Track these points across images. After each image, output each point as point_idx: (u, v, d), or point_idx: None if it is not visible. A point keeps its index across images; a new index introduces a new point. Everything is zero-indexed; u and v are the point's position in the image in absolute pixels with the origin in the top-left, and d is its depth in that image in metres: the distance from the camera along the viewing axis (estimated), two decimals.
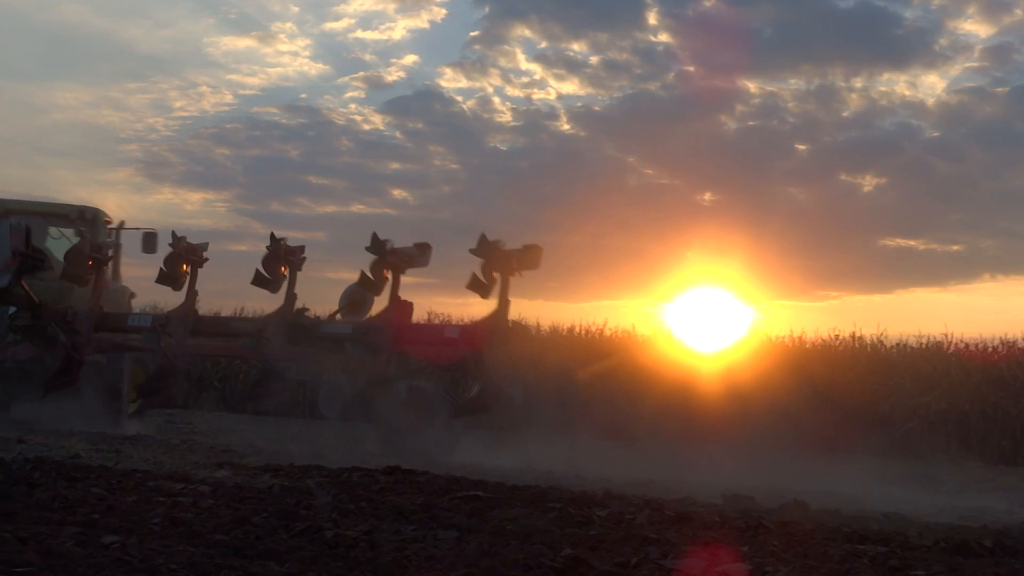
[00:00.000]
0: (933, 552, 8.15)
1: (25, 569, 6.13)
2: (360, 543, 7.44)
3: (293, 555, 7.03)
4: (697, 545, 7.90)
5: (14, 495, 9.15)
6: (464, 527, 8.40)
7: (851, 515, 10.46)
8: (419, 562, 6.92)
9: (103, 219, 22.01)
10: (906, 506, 12.57)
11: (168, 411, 25.35)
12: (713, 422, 22.95)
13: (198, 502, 9.20)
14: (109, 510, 8.59)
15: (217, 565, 6.48)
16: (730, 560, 7.25)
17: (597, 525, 8.88)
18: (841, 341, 25.92)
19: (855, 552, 7.80)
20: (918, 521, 10.49)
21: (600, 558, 7.12)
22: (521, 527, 8.50)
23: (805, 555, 7.66)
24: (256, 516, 8.47)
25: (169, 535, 7.56)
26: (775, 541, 8.26)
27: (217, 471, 12.42)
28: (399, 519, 8.77)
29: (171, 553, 6.78)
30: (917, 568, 7.28)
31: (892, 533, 9.12)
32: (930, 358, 24.79)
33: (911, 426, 22.72)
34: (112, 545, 6.94)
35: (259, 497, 9.75)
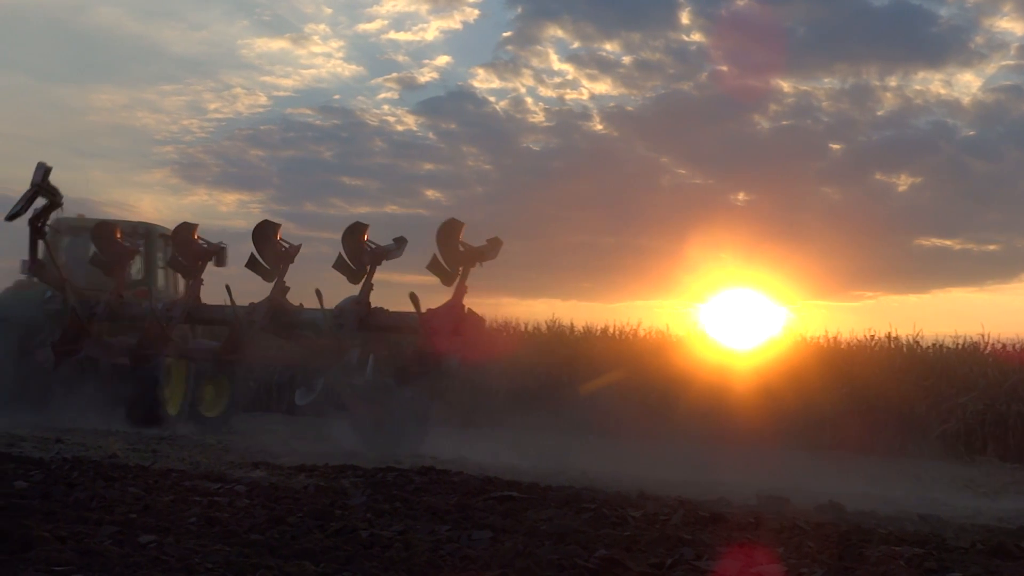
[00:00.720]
0: (970, 554, 8.10)
1: (63, 568, 6.18)
2: (395, 543, 7.46)
3: (328, 555, 7.05)
4: (732, 546, 7.88)
5: (53, 495, 9.23)
6: (498, 527, 8.41)
7: (887, 517, 10.41)
8: (454, 562, 6.93)
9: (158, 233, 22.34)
10: (943, 508, 12.50)
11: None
12: (747, 423, 22.89)
13: (234, 502, 9.25)
14: (146, 510, 8.64)
15: (253, 565, 6.51)
16: (765, 561, 7.23)
17: (631, 526, 8.87)
18: (877, 342, 25.79)
19: (891, 554, 7.76)
20: (955, 523, 10.43)
21: (634, 559, 7.12)
22: (555, 527, 8.50)
23: (841, 557, 7.63)
24: (291, 516, 8.51)
25: (205, 535, 7.61)
26: (810, 543, 8.23)
27: (253, 471, 12.47)
28: (433, 519, 8.79)
29: (207, 553, 6.82)
30: (954, 570, 7.24)
31: (929, 535, 9.07)
32: (967, 359, 24.62)
33: (947, 427, 22.56)
34: (149, 544, 6.99)
35: (294, 497, 9.79)
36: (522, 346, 26.83)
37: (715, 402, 23.06)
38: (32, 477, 10.34)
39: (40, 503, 8.71)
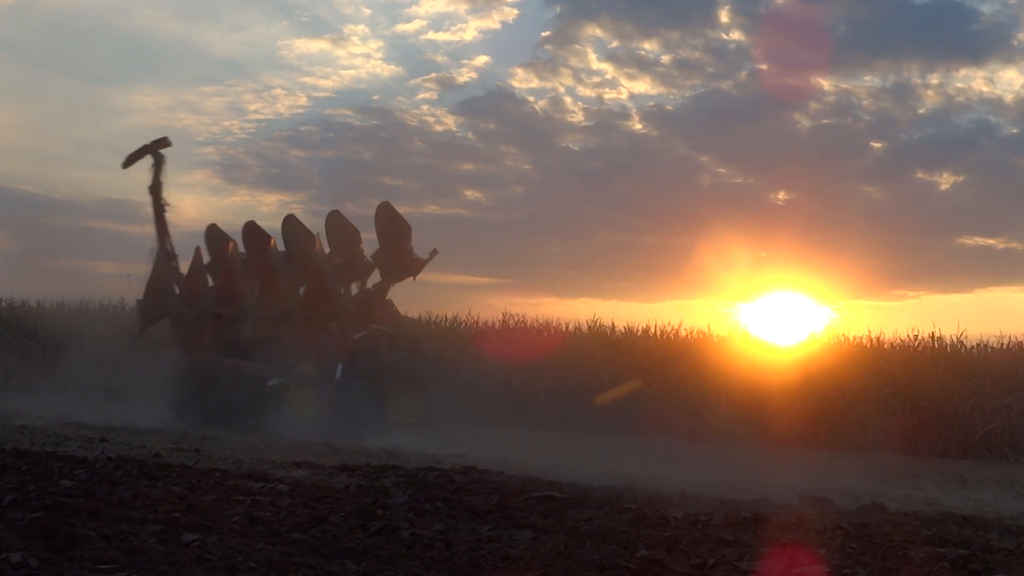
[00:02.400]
0: (1015, 556, 8.04)
1: (108, 566, 6.23)
2: (436, 543, 7.48)
3: (370, 554, 7.08)
4: (774, 547, 7.85)
5: (97, 493, 9.31)
6: (539, 527, 8.42)
7: (931, 518, 10.34)
8: (494, 562, 6.95)
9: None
10: (987, 509, 12.40)
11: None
12: (790, 423, 22.77)
13: (276, 501, 9.30)
14: (189, 508, 8.71)
15: (295, 564, 6.55)
16: (807, 562, 7.20)
17: (672, 526, 8.85)
18: (920, 342, 25.59)
19: (935, 555, 7.71)
20: (1000, 524, 10.35)
21: (676, 559, 7.10)
22: (596, 528, 8.50)
23: (884, 558, 7.59)
24: (333, 515, 8.55)
25: (248, 534, 7.66)
26: (853, 543, 8.19)
27: (295, 470, 12.53)
28: (474, 519, 8.81)
29: (250, 552, 6.87)
30: (999, 571, 7.19)
31: (973, 536, 9.01)
32: (1012, 359, 24.40)
33: (992, 428, 22.34)
34: (192, 543, 7.04)
35: (336, 496, 9.83)
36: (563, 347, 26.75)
37: (757, 402, 22.95)
38: (77, 476, 10.44)
39: (85, 502, 8.79)
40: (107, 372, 25.63)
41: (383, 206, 22.21)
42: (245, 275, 22.46)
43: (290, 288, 22.27)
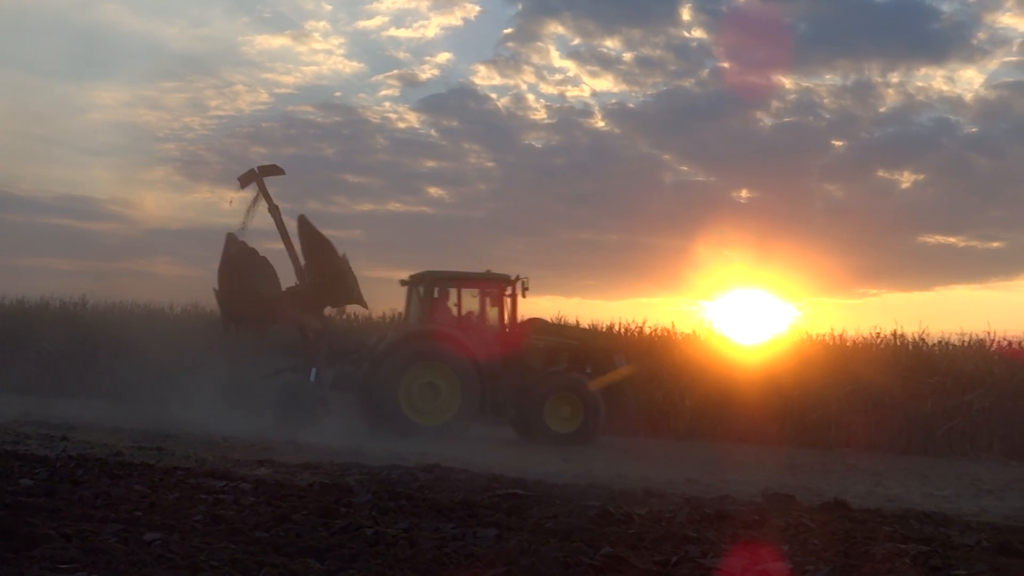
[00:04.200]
0: (976, 552, 8.10)
1: (68, 566, 6.18)
2: (400, 541, 7.46)
3: (333, 552, 7.06)
4: (737, 544, 7.88)
5: (58, 492, 9.24)
6: (503, 525, 8.41)
7: (893, 514, 10.40)
8: (458, 560, 6.94)
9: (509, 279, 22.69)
10: (948, 506, 12.49)
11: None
12: (753, 421, 22.87)
13: (239, 499, 9.26)
14: (151, 507, 8.66)
15: (258, 562, 6.52)
16: (770, 559, 7.23)
17: (636, 523, 8.87)
18: (882, 339, 25.73)
19: (897, 551, 7.75)
20: (960, 521, 10.42)
21: (639, 557, 7.12)
22: (560, 525, 8.50)
23: (846, 554, 7.63)
24: (296, 513, 8.52)
25: (211, 532, 7.62)
26: (816, 540, 8.22)
27: (258, 468, 12.49)
28: (438, 517, 8.79)
29: (212, 550, 6.83)
30: (959, 568, 7.24)
31: (934, 532, 9.08)
32: (972, 356, 24.58)
33: (953, 425, 22.50)
34: (154, 542, 7.00)
35: (299, 495, 9.80)
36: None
37: (721, 400, 23.03)
38: (37, 475, 10.37)
39: (45, 501, 8.73)
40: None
41: (300, 219, 22.36)
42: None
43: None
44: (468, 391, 20.71)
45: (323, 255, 21.96)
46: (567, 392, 20.78)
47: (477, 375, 20.79)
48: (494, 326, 21.75)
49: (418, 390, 20.82)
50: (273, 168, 23.43)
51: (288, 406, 20.65)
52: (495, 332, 21.63)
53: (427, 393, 20.80)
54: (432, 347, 21.05)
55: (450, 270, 22.24)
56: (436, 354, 20.92)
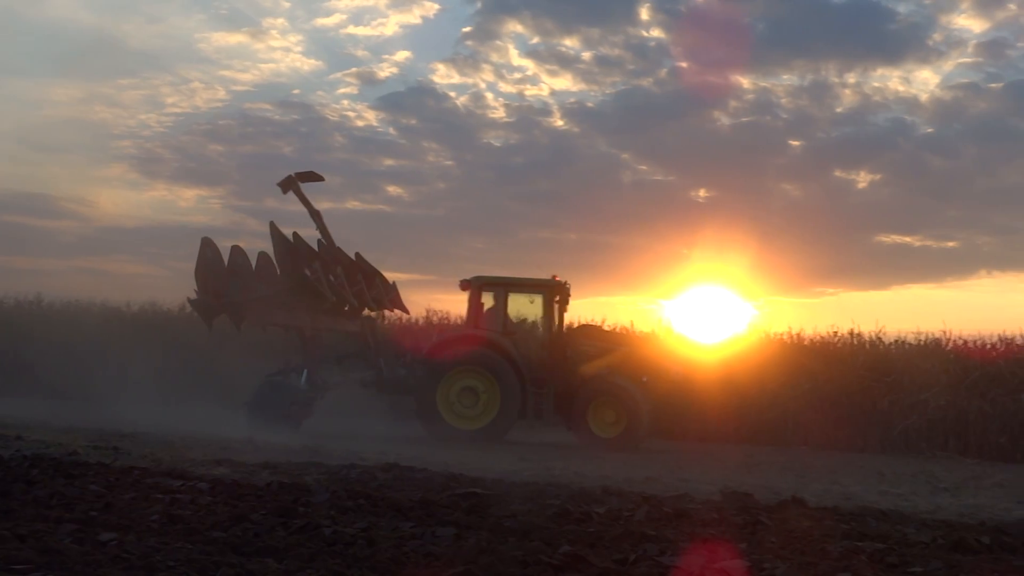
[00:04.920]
0: (931, 549, 8.16)
1: (23, 567, 6.12)
2: (358, 540, 7.44)
3: (291, 552, 7.03)
4: (695, 542, 7.90)
5: (12, 492, 9.15)
6: (462, 524, 8.40)
7: (849, 512, 10.46)
8: (417, 559, 6.92)
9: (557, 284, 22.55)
10: (904, 503, 12.58)
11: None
12: (712, 419, 22.97)
13: (196, 499, 9.20)
14: (107, 507, 8.59)
15: (215, 562, 6.48)
16: (728, 557, 7.25)
17: (595, 522, 8.88)
18: (839, 338, 25.87)
19: (853, 549, 7.80)
20: (916, 518, 10.50)
21: (598, 555, 7.12)
22: (520, 524, 8.50)
23: (803, 552, 7.66)
24: (254, 513, 8.47)
25: (167, 532, 7.57)
26: (773, 538, 8.26)
27: (215, 468, 12.42)
28: (397, 516, 8.77)
29: (169, 551, 6.78)
30: (915, 565, 7.29)
31: (890, 530, 9.13)
32: (928, 355, 24.75)
33: (909, 423, 22.64)
34: (110, 543, 6.95)
35: (257, 494, 9.75)
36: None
37: (679, 398, 23.07)
38: None
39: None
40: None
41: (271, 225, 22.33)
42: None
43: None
44: (507, 396, 20.69)
45: (289, 262, 21.83)
46: (610, 397, 20.59)
47: (518, 380, 20.76)
48: (542, 331, 21.75)
49: (457, 394, 20.87)
50: (311, 175, 23.30)
51: (262, 407, 20.62)
52: (542, 337, 21.63)
53: (466, 397, 20.85)
54: (471, 351, 21.05)
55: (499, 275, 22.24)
56: (475, 358, 20.93)
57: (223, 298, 21.56)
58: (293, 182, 22.75)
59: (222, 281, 21.66)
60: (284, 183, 22.76)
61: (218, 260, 21.69)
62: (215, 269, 21.57)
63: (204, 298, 21.68)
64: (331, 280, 21.88)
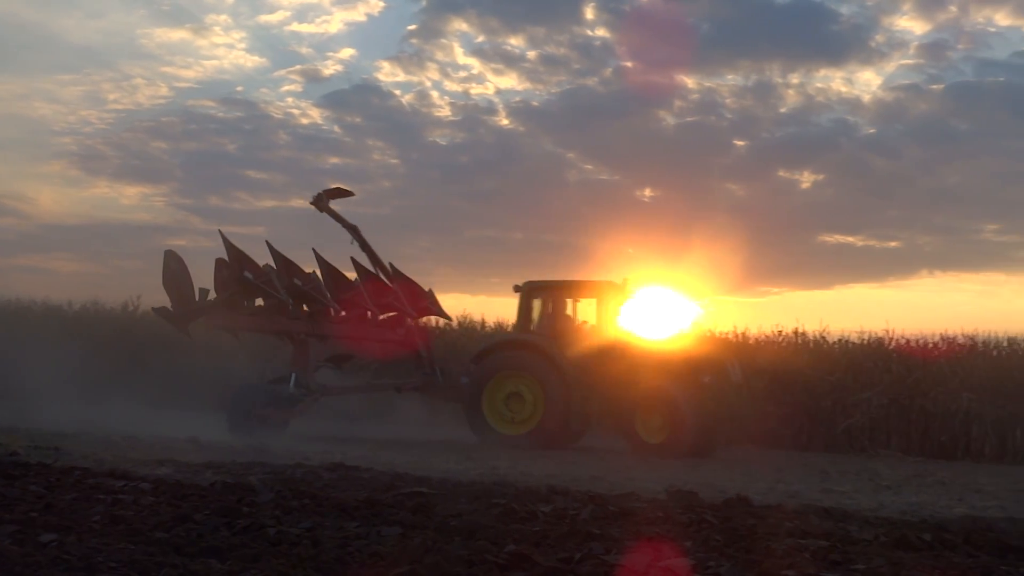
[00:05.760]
0: (874, 546, 8.22)
1: None
2: (303, 540, 7.40)
3: (235, 553, 6.98)
4: (640, 540, 7.92)
5: None
6: (408, 523, 8.38)
7: (793, 510, 10.53)
8: (362, 559, 6.89)
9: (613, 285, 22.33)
10: (847, 501, 12.68)
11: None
12: None
13: (138, 500, 9.12)
14: (47, 508, 8.49)
15: (158, 563, 6.42)
16: (673, 555, 7.27)
17: (541, 521, 8.88)
18: (784, 337, 26.05)
19: (797, 547, 7.85)
20: (859, 516, 10.57)
21: (544, 554, 7.12)
22: (465, 523, 8.48)
23: (748, 550, 7.70)
24: (197, 513, 8.40)
25: (109, 533, 7.49)
26: (718, 536, 8.29)
27: (158, 468, 12.31)
28: (342, 516, 8.73)
29: (110, 551, 6.71)
30: (858, 562, 7.34)
31: (834, 528, 9.20)
32: (871, 354, 24.96)
33: (852, 422, 22.85)
34: (50, 544, 6.87)
35: (201, 494, 9.67)
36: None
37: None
38: None
39: None
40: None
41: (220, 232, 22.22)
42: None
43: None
44: (552, 401, 20.41)
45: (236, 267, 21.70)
46: (656, 402, 19.94)
47: (562, 385, 20.46)
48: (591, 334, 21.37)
49: (503, 399, 20.72)
50: (339, 191, 23.22)
51: (236, 408, 20.65)
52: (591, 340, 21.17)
53: (514, 403, 20.69)
54: (517, 356, 20.95)
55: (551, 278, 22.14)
56: (521, 363, 20.80)
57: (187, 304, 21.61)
58: (324, 200, 22.67)
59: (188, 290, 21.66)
60: (316, 202, 22.76)
61: (183, 270, 21.69)
62: (180, 279, 21.57)
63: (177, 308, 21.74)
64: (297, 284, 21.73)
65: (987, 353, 25.04)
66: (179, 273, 21.57)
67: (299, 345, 21.95)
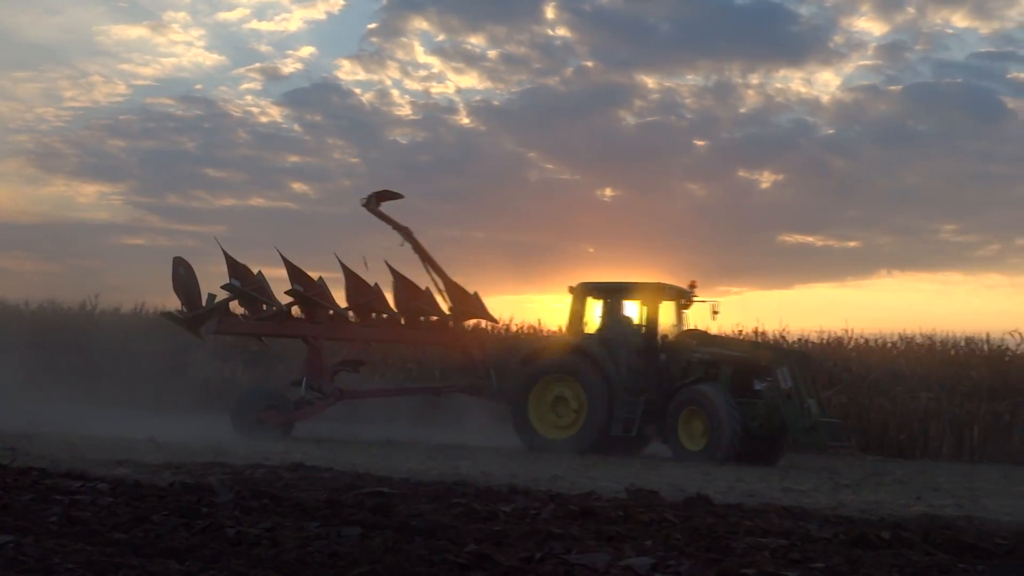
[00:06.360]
0: (833, 545, 8.26)
1: None
2: (262, 541, 7.36)
3: (194, 553, 6.93)
4: (601, 539, 7.92)
5: None
6: (368, 524, 8.35)
7: (753, 509, 10.57)
8: (322, 559, 6.86)
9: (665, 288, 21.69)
10: (807, 500, 12.73)
11: None
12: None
13: (96, 500, 9.05)
14: (3, 509, 8.41)
15: (116, 564, 6.36)
16: (634, 554, 7.28)
17: (502, 520, 8.87)
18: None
19: (757, 545, 7.87)
20: (818, 514, 10.62)
21: (504, 553, 7.11)
22: (426, 523, 8.46)
23: (708, 548, 7.72)
24: (156, 514, 8.34)
25: (66, 534, 7.42)
26: (678, 535, 8.31)
27: (116, 468, 12.22)
28: (302, 516, 8.69)
29: (68, 553, 6.65)
30: (817, 560, 7.37)
31: (793, 526, 9.23)
32: (831, 353, 25.16)
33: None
34: (6, 545, 6.80)
35: (159, 495, 9.61)
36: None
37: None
38: None
39: None
40: None
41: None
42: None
43: None
44: (593, 405, 20.11)
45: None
46: (698, 407, 19.38)
47: (606, 389, 20.13)
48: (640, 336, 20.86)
49: (550, 403, 20.52)
50: (389, 193, 23.36)
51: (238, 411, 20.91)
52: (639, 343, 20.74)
53: (560, 406, 20.48)
54: (562, 360, 20.73)
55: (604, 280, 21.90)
56: (566, 367, 20.54)
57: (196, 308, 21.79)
58: (375, 203, 22.88)
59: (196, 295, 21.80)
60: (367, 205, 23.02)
61: (190, 275, 21.78)
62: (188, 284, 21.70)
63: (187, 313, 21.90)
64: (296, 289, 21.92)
65: (945, 353, 25.29)
66: (187, 278, 21.68)
67: (313, 349, 21.95)
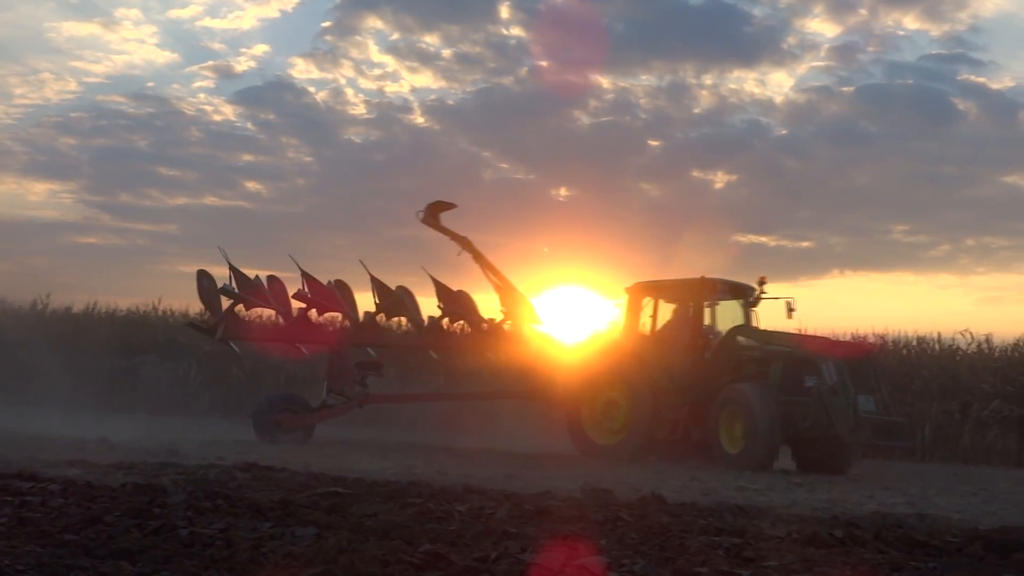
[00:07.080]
0: (786, 543, 8.30)
1: None
2: (216, 541, 7.31)
3: (146, 554, 6.88)
4: (556, 539, 7.93)
5: None
6: (323, 524, 8.32)
7: (707, 508, 10.61)
8: (276, 559, 6.83)
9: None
10: (761, 498, 12.81)
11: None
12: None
13: (47, 501, 8.96)
14: None
15: (67, 566, 6.31)
16: (588, 553, 7.29)
17: (457, 520, 8.86)
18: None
19: (711, 544, 7.91)
20: (772, 513, 10.69)
21: (459, 553, 7.11)
22: (380, 523, 8.45)
23: (662, 547, 7.74)
24: (108, 515, 8.27)
25: (16, 535, 7.34)
26: (633, 534, 8.33)
27: (68, 469, 12.11)
28: (256, 516, 8.65)
29: (18, 554, 6.59)
30: (771, 559, 7.41)
31: (747, 525, 9.28)
32: None
33: None
34: None
35: (111, 495, 9.53)
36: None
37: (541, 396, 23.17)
38: None
39: None
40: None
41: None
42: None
43: None
44: (638, 409, 19.76)
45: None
46: (736, 407, 18.76)
47: (651, 392, 19.73)
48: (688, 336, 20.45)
49: (601, 407, 20.25)
50: (441, 204, 23.02)
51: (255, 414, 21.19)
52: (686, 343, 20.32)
53: (612, 411, 20.18)
54: (608, 362, 20.55)
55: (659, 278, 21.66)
56: (615, 369, 20.32)
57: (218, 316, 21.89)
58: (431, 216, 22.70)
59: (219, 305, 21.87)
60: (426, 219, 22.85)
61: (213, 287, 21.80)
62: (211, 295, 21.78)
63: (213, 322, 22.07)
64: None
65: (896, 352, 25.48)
66: (210, 290, 21.74)
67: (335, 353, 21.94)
